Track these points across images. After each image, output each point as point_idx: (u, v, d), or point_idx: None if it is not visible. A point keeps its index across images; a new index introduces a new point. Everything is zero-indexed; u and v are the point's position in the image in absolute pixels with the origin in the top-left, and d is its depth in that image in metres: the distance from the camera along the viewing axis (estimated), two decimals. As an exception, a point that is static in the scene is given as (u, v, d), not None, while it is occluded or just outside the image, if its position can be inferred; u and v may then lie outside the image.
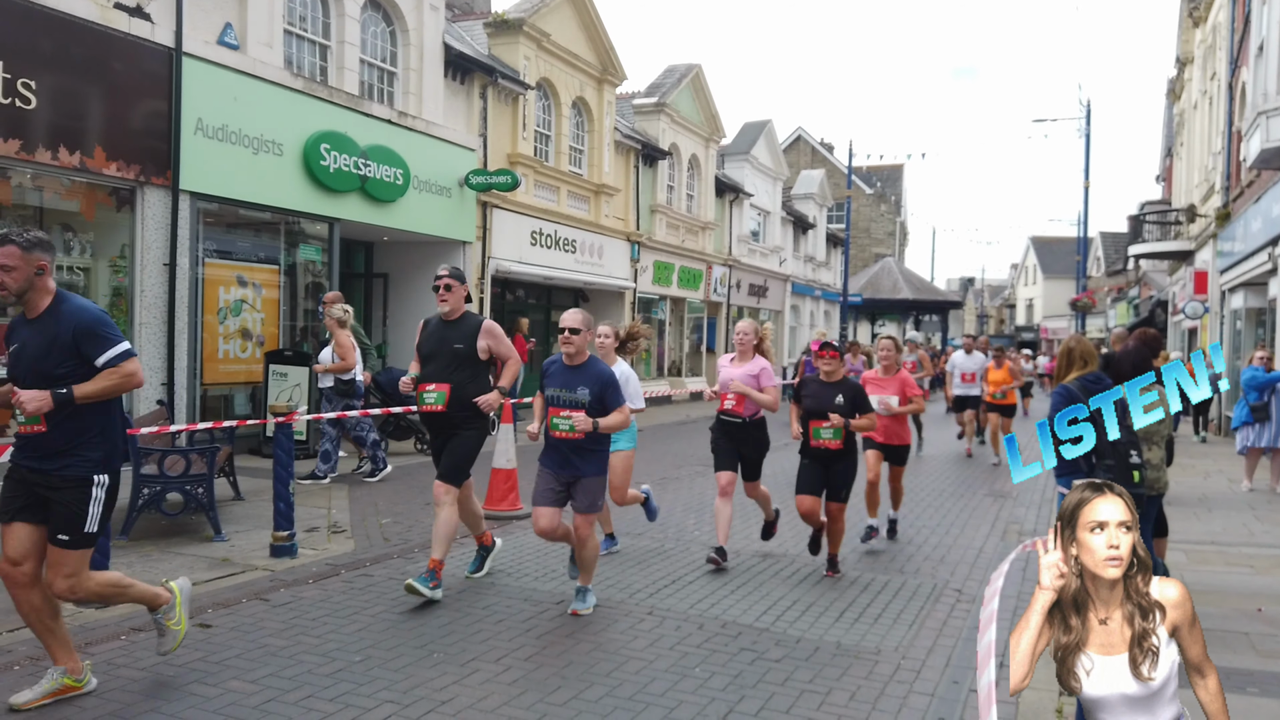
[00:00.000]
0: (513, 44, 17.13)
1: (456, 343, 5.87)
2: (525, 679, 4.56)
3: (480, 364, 5.93)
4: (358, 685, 4.42)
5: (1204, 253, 21.67)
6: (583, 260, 19.67)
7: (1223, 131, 19.57)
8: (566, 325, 5.51)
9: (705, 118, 25.67)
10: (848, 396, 6.57)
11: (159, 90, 10.52)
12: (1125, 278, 42.02)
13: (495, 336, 5.95)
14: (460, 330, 5.94)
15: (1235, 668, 4.84)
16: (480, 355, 5.91)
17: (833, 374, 6.66)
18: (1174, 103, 29.81)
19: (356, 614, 5.51)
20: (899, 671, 4.84)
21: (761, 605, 5.97)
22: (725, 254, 27.61)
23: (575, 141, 19.63)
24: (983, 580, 6.75)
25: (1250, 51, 16.31)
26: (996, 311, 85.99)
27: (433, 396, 5.82)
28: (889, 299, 39.01)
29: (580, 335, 5.51)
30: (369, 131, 13.41)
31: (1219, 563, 7.39)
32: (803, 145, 47.63)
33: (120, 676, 4.41)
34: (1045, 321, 64.51)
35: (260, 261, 12.37)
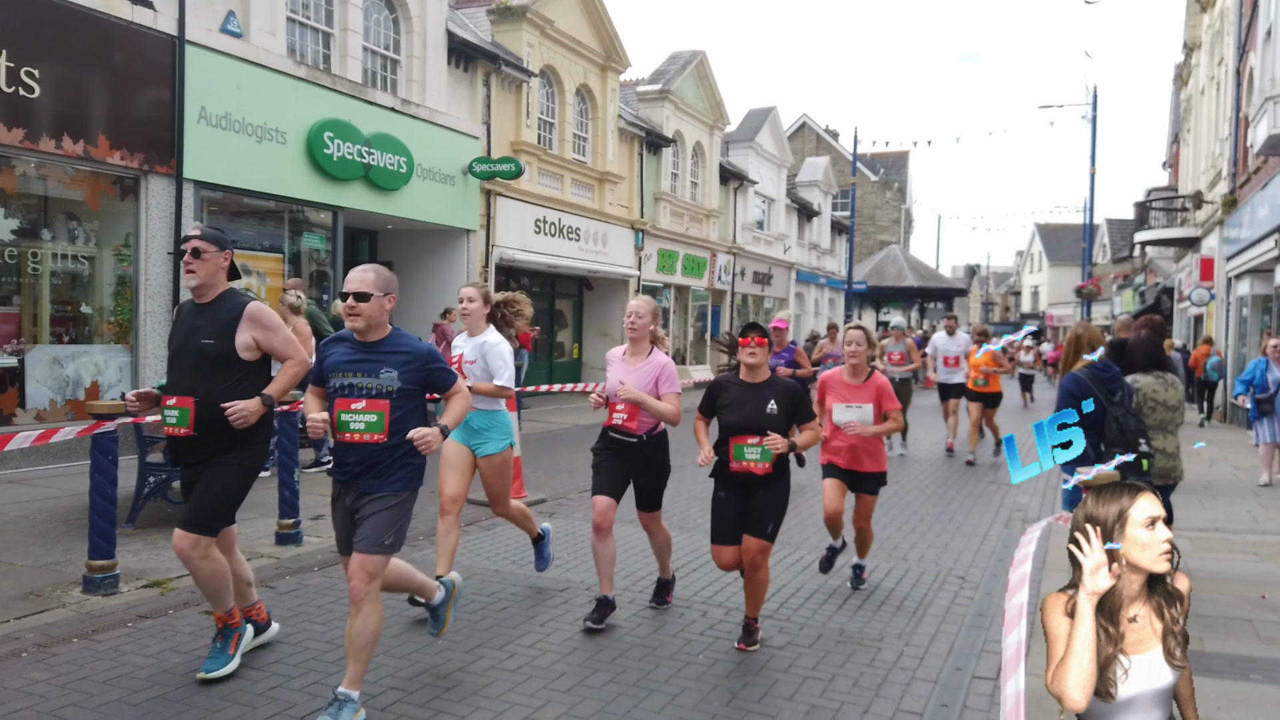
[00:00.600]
0: (516, 31, 17.08)
1: (205, 337, 4.27)
2: (529, 665, 4.58)
3: (244, 367, 4.30)
4: (363, 672, 4.45)
5: (1210, 239, 21.58)
6: (587, 248, 19.66)
7: (1230, 117, 19.46)
8: (351, 290, 3.95)
9: (709, 105, 25.59)
10: (782, 403, 4.87)
11: (162, 78, 10.51)
12: (1131, 265, 41.88)
13: (265, 326, 4.33)
14: (213, 319, 4.31)
15: (1238, 654, 4.85)
16: (243, 354, 4.28)
17: (758, 370, 4.96)
18: (1181, 88, 29.64)
19: (361, 601, 5.53)
20: (902, 658, 4.85)
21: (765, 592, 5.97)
22: (730, 242, 27.56)
23: (579, 129, 19.58)
24: (986, 567, 6.76)
25: (1258, 37, 16.21)
26: (1002, 299, 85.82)
27: (174, 416, 4.21)
28: (894, 287, 38.93)
29: (371, 302, 3.92)
30: (372, 119, 13.39)
31: (1223, 550, 7.39)
32: (807, 132, 47.50)
33: (127, 664, 4.43)
34: (1051, 309, 64.37)
35: (265, 250, 12.37)
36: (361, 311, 3.92)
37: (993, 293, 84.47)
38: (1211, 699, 4.18)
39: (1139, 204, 27.44)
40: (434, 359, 4.05)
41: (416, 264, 16.10)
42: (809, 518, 8.39)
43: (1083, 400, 5.95)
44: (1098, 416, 5.65)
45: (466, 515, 8.04)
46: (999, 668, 4.72)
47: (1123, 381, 5.82)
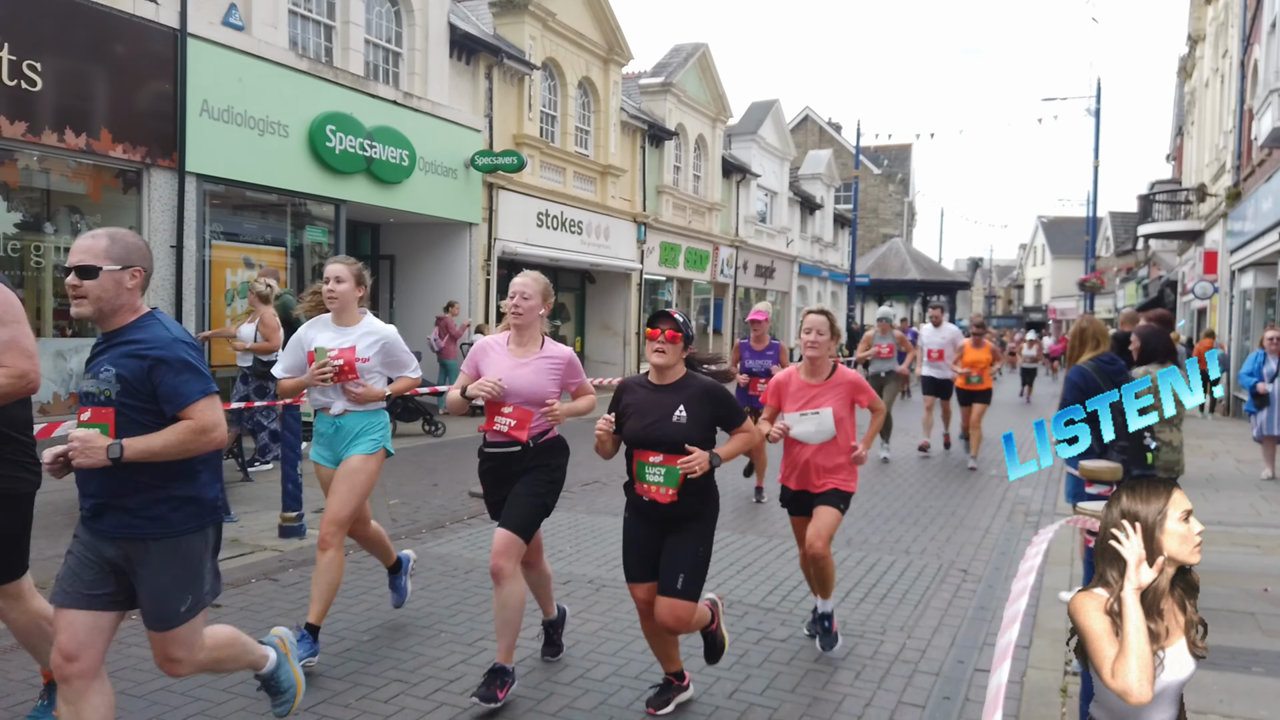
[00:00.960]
0: (518, 24, 17.05)
1: None
2: (532, 658, 4.59)
3: None
4: (366, 664, 4.46)
5: (1214, 232, 21.54)
6: (589, 242, 19.64)
7: (1234, 110, 19.39)
8: (72, 264, 3.00)
9: (712, 98, 25.54)
10: (696, 409, 3.80)
11: (164, 72, 10.50)
12: (1134, 258, 41.80)
13: None
14: None
15: (1241, 647, 4.85)
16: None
17: (667, 372, 3.87)
18: (1185, 81, 29.56)
19: (364, 594, 5.54)
20: (904, 650, 4.85)
21: (767, 585, 5.99)
22: (732, 235, 27.53)
23: (581, 122, 19.56)
24: (989, 561, 6.76)
25: (1263, 29, 16.15)
26: (1005, 292, 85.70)
27: None
28: (896, 280, 38.88)
29: (101, 279, 2.96)
30: (374, 113, 13.37)
31: (1225, 543, 7.38)
32: (810, 125, 47.41)
33: (132, 655, 4.45)
34: (1054, 302, 64.27)
35: (267, 243, 12.38)
36: (87, 292, 2.90)
37: (996, 286, 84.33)
38: (1214, 692, 4.18)
39: (1142, 197, 27.39)
40: (166, 360, 2.88)
41: (418, 257, 16.11)
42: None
43: (1089, 393, 5.97)
44: (1102, 409, 5.66)
45: (469, 508, 8.06)
46: (1001, 660, 4.73)
47: (1128, 374, 5.83)
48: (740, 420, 3.98)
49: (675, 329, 3.81)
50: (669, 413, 3.79)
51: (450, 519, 7.70)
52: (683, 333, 3.84)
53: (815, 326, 4.67)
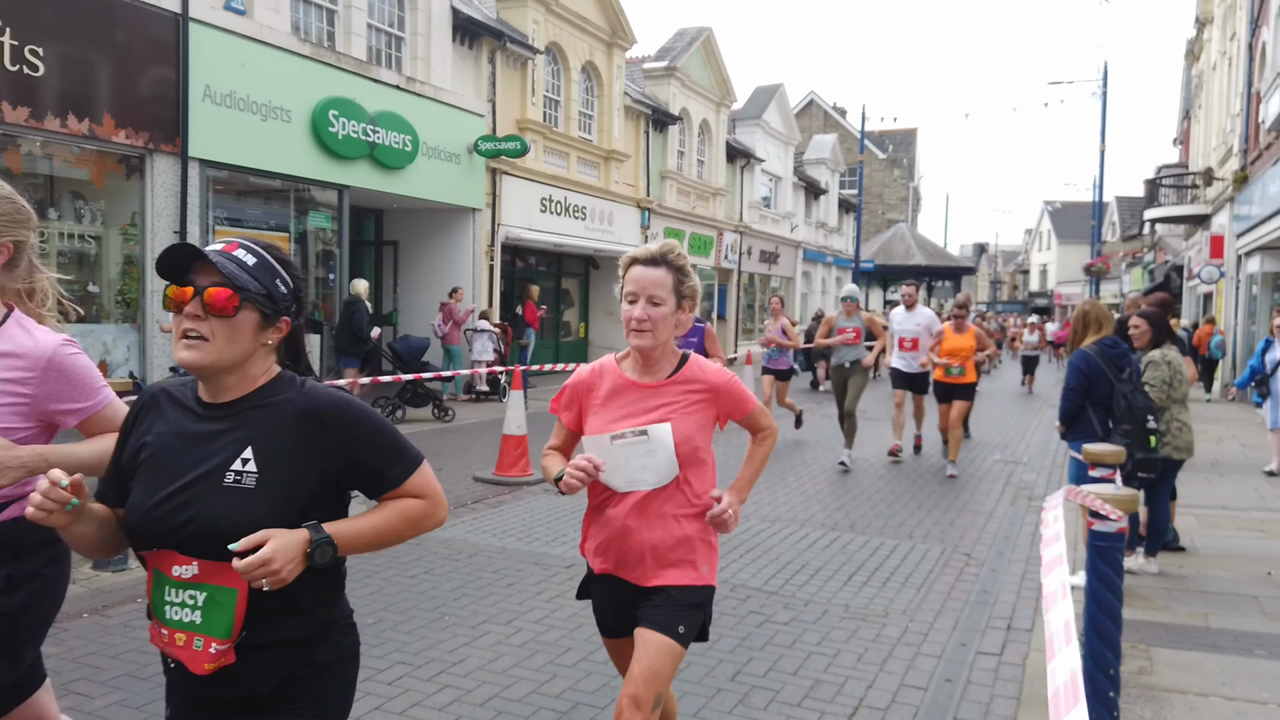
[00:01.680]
0: (521, 7, 16.96)
1: None
2: (535, 640, 4.61)
3: None
4: (370, 647, 4.48)
5: (1220, 216, 21.44)
6: (593, 227, 19.61)
7: (1242, 93, 19.27)
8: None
9: (716, 82, 25.43)
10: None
11: (166, 57, 10.47)
12: (1141, 242, 41.65)
13: None
14: None
15: (1244, 630, 4.85)
16: None
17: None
18: (1192, 64, 29.36)
19: (370, 577, 5.56)
20: (906, 634, 4.86)
21: (770, 569, 6.00)
22: (736, 220, 27.47)
23: (585, 107, 19.48)
24: (992, 544, 6.77)
25: (1271, 11, 16.03)
26: (1010, 277, 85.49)
27: None
28: (901, 265, 38.78)
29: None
30: (377, 97, 13.33)
31: (1229, 527, 7.39)
32: (815, 109, 47.20)
33: (137, 638, 4.47)
34: (1059, 287, 64.11)
35: (270, 229, 12.37)
36: None
37: (1001, 271, 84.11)
38: (1216, 675, 4.18)
39: (1149, 181, 27.26)
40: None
41: (422, 243, 16.10)
42: (813, 492, 8.40)
43: (1092, 377, 5.95)
44: (1106, 393, 5.68)
45: (474, 492, 8.09)
46: (1003, 643, 4.74)
47: (1130, 359, 5.83)
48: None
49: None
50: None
51: (454, 503, 7.72)
52: None
53: (646, 285, 2.57)
